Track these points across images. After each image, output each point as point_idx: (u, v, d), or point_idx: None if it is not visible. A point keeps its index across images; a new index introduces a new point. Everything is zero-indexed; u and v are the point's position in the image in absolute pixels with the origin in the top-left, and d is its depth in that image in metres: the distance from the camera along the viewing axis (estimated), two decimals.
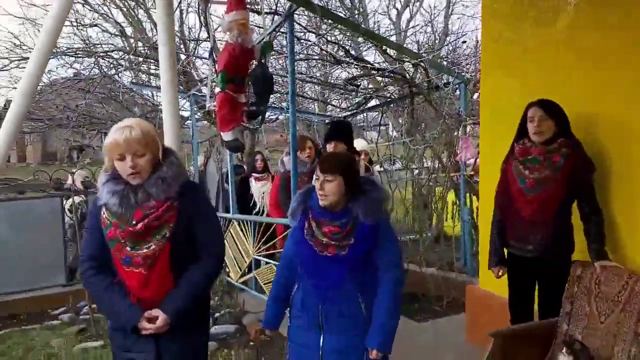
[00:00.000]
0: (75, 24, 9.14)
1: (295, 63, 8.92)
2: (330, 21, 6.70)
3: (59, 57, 8.94)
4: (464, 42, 10.37)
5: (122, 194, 2.29)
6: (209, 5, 3.39)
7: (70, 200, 6.61)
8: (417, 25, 12.49)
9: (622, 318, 2.76)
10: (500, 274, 3.36)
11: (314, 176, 2.48)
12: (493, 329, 3.09)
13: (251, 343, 4.62)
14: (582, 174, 3.07)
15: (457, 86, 6.16)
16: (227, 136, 3.16)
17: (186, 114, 9.24)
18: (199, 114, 8.86)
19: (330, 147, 3.95)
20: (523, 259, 3.23)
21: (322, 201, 2.49)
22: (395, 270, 2.56)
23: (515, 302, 3.39)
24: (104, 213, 2.32)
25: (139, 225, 2.29)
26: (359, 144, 5.16)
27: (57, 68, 9.66)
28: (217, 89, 3.16)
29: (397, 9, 13.28)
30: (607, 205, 3.18)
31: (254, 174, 6.93)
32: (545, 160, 3.08)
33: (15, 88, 8.99)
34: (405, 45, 11.74)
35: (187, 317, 2.37)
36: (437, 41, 12.60)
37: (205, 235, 2.45)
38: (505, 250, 3.38)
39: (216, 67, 3.17)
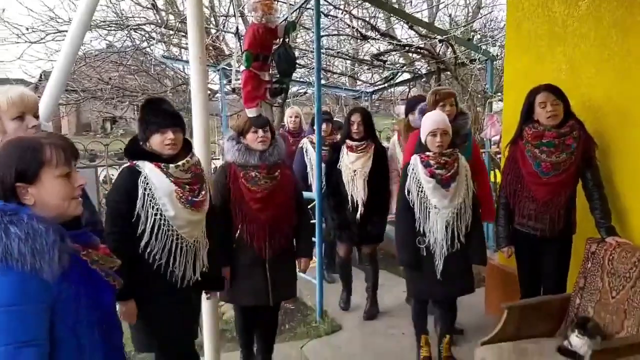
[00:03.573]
0: None
1: (325, 38, 9.02)
2: None
3: (92, 29, 9.09)
4: None
5: None
6: None
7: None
8: None
9: (633, 294, 2.84)
10: (510, 253, 3.49)
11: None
12: (508, 303, 3.22)
13: None
14: (590, 152, 3.22)
15: (484, 63, 6.15)
16: (251, 112, 3.27)
17: (216, 87, 9.38)
18: (228, 87, 8.98)
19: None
20: (529, 237, 3.36)
21: None
22: None
23: (524, 278, 3.55)
24: None
25: None
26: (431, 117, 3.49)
27: (90, 41, 9.75)
28: (242, 67, 3.27)
29: None
30: (609, 183, 3.31)
31: (347, 142, 4.44)
32: (560, 143, 3.18)
33: (51, 60, 9.25)
34: (437, 18, 11.63)
35: None
36: (469, 15, 12.42)
37: (93, 216, 2.43)
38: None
39: (241, 45, 3.27)
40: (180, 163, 2.64)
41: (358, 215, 4.37)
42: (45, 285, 1.52)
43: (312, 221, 4.25)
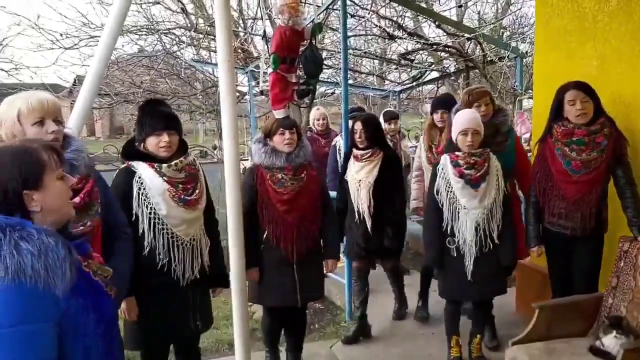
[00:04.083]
0: (139, 2, 9.42)
1: (353, 38, 9.03)
2: None
3: (124, 34, 9.25)
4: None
5: None
6: None
7: None
8: None
9: None
10: (539, 253, 3.47)
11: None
12: (539, 302, 3.19)
13: None
14: (621, 149, 3.17)
15: (513, 60, 6.09)
16: (279, 114, 3.32)
17: (245, 89, 9.45)
18: (256, 89, 9.06)
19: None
20: (560, 236, 3.33)
21: None
22: None
23: (555, 277, 3.51)
24: None
25: (78, 200, 2.17)
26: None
27: (122, 45, 9.96)
28: (270, 70, 3.31)
29: None
30: None
31: (353, 151, 4.06)
32: (590, 141, 3.13)
33: (85, 65, 9.46)
34: (466, 16, 11.54)
35: None
36: (499, 11, 12.28)
37: (118, 217, 2.48)
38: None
39: (269, 48, 3.32)
40: (173, 163, 2.71)
41: (369, 229, 3.91)
42: (55, 300, 1.49)
43: None
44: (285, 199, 3.26)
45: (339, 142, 5.21)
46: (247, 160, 10.06)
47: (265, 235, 3.30)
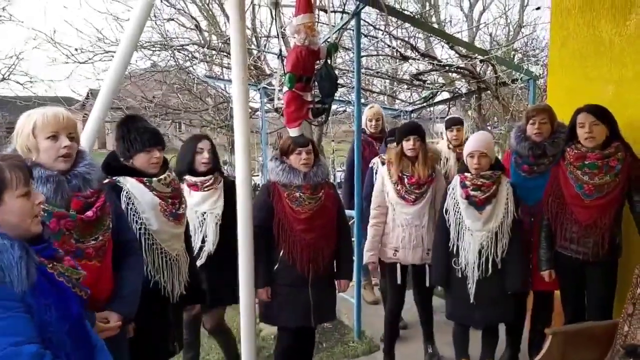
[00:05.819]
0: (153, 19, 9.50)
1: (364, 58, 9.06)
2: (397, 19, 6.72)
3: (138, 50, 9.31)
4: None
5: (57, 180, 2.11)
6: (279, 8, 3.54)
7: None
8: (490, 18, 12.15)
9: None
10: (550, 277, 3.42)
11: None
12: (553, 328, 3.14)
13: None
14: (637, 172, 3.10)
15: (525, 82, 6.08)
16: (293, 132, 3.32)
17: (256, 105, 9.48)
18: (268, 105, 9.10)
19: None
20: (572, 261, 3.28)
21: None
22: None
23: (567, 303, 3.45)
24: None
25: (91, 213, 2.18)
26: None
27: (136, 61, 10.02)
28: (285, 88, 3.31)
29: (470, 1, 13.03)
30: None
31: (188, 178, 3.43)
32: (603, 165, 3.09)
33: (99, 79, 9.51)
34: (477, 38, 11.59)
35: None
36: (511, 34, 12.32)
37: (128, 233, 2.47)
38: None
39: (284, 67, 3.32)
40: (162, 177, 2.72)
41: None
42: (18, 296, 1.57)
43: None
44: (302, 218, 3.22)
45: (377, 163, 4.40)
46: (257, 175, 10.08)
47: (281, 255, 3.25)
